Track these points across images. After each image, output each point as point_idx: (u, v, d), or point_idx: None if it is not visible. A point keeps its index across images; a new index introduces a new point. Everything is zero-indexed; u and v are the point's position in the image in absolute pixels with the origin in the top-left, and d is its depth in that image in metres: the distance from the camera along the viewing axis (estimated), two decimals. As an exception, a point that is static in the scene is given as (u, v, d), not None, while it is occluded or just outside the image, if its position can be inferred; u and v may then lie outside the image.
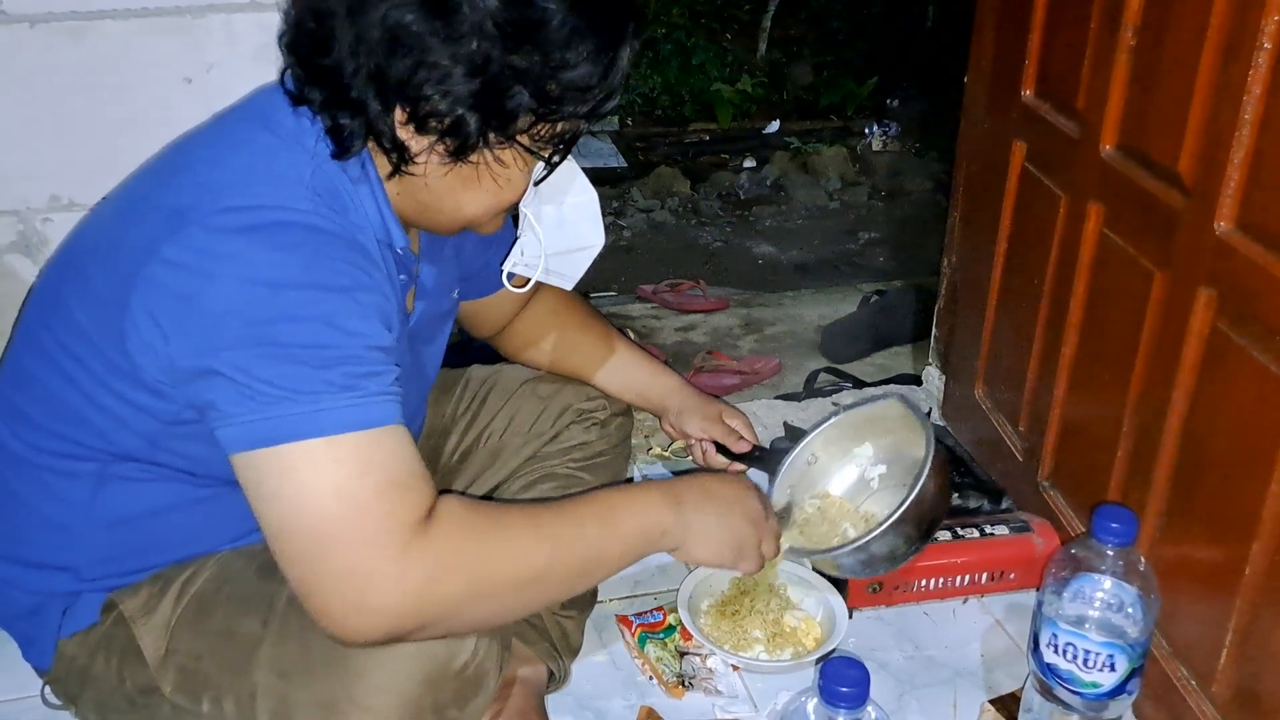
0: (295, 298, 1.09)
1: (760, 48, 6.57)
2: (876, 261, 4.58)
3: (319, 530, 1.07)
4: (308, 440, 1.07)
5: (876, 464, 1.79)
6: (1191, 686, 1.49)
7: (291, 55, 1.19)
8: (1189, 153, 1.44)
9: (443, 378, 1.68)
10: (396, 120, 1.16)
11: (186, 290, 1.09)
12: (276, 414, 1.07)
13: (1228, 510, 1.40)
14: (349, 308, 1.11)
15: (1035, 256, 1.87)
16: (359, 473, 1.08)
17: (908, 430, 1.70)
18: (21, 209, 1.74)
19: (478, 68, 1.11)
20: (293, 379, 1.07)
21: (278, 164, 1.17)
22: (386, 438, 1.11)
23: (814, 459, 1.78)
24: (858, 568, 1.61)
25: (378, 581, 1.08)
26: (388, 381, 1.13)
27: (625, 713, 1.62)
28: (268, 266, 1.09)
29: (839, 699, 1.15)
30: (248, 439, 1.08)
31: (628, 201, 5.12)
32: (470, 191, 1.24)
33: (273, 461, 1.08)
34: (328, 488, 1.07)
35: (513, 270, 1.46)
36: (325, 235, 1.13)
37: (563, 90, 1.15)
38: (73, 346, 1.21)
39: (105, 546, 1.30)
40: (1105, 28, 1.62)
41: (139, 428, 1.21)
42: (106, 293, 1.16)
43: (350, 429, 1.08)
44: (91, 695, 1.34)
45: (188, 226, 1.11)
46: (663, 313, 3.24)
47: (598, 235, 1.45)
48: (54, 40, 1.64)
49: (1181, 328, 1.46)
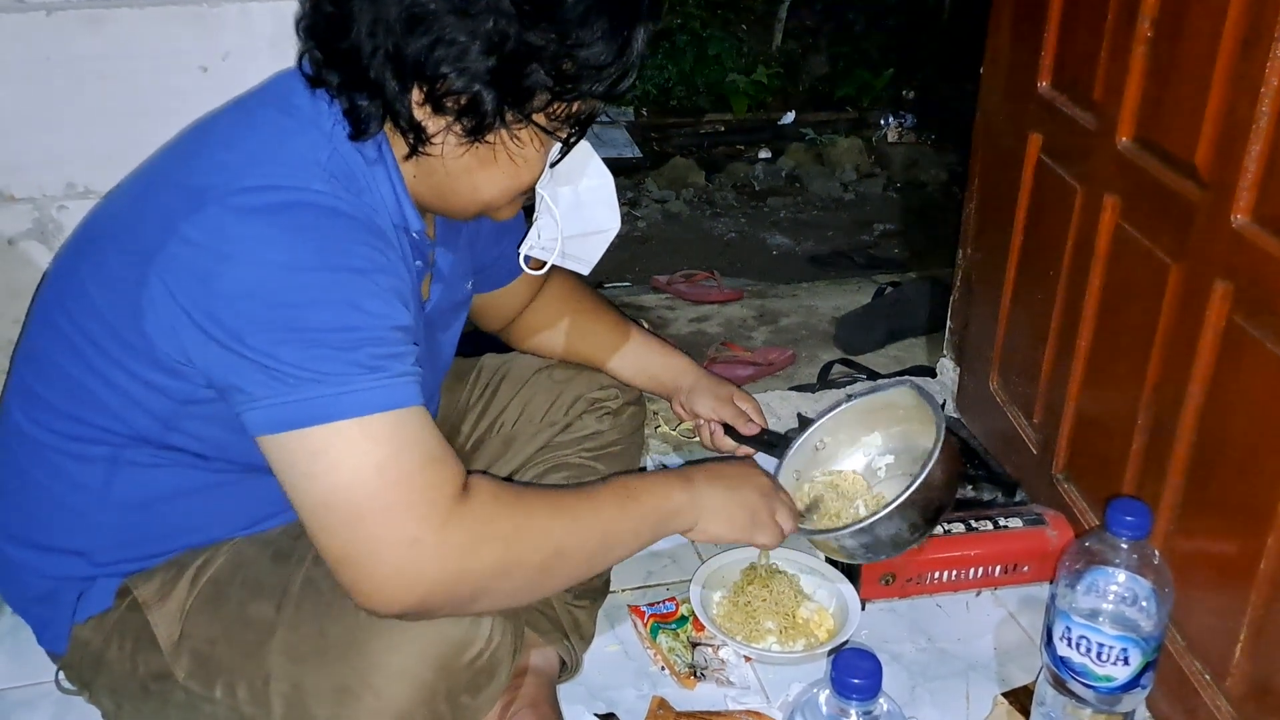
0: (315, 280, 1.10)
1: (776, 38, 6.55)
2: (891, 253, 4.57)
3: (361, 502, 1.09)
4: (339, 421, 1.08)
5: (884, 453, 1.79)
6: (1206, 681, 1.48)
7: (310, 39, 1.20)
8: (1206, 145, 1.43)
9: (456, 366, 1.68)
10: (413, 100, 1.17)
11: (205, 270, 1.10)
12: (305, 396, 1.08)
13: (1243, 504, 1.39)
14: (368, 289, 1.12)
15: (1051, 248, 1.86)
16: (397, 449, 1.10)
17: (919, 419, 1.69)
18: (38, 196, 1.74)
19: (494, 45, 1.12)
20: (319, 361, 1.08)
21: (294, 145, 1.18)
22: (414, 417, 1.13)
23: (822, 444, 1.78)
24: (860, 551, 1.60)
25: (421, 549, 1.10)
26: (410, 362, 1.15)
27: (637, 703, 1.62)
28: (286, 249, 1.10)
29: (851, 691, 1.15)
30: (277, 422, 1.10)
31: (643, 192, 5.12)
32: (487, 172, 1.24)
33: (305, 443, 1.09)
34: (369, 465, 1.09)
35: (529, 253, 1.46)
36: (342, 217, 1.14)
37: (578, 68, 1.16)
38: (88, 326, 1.21)
39: (119, 531, 1.31)
40: (1122, 19, 1.62)
41: (153, 408, 1.22)
42: (123, 272, 1.17)
43: (379, 409, 1.10)
44: (105, 681, 1.35)
45: (206, 206, 1.11)
46: (677, 303, 3.24)
47: (614, 219, 1.45)
48: (70, 28, 1.64)
49: (1197, 320, 1.45)
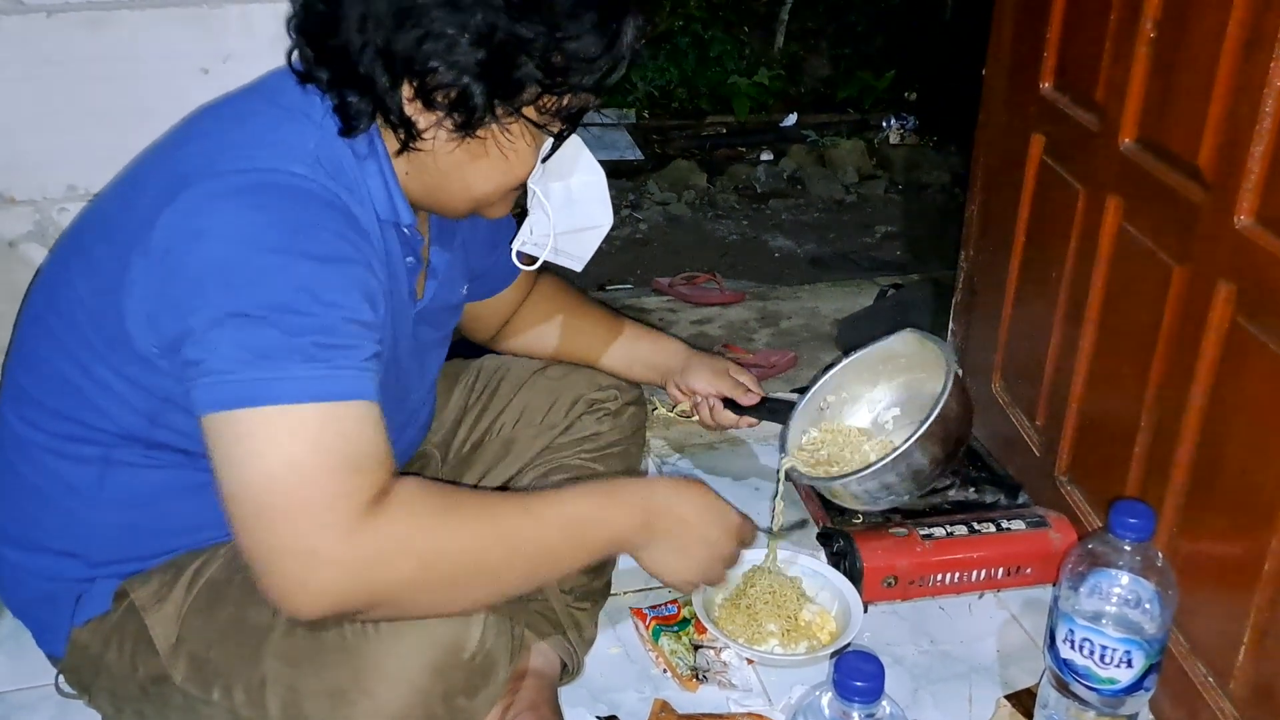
0: (273, 262, 1.08)
1: (778, 40, 6.55)
2: (893, 255, 4.57)
3: (266, 502, 1.04)
4: (266, 406, 1.05)
5: (890, 406, 1.79)
6: (1209, 684, 1.48)
7: (300, 36, 1.21)
8: (1209, 146, 1.43)
9: (454, 367, 1.68)
10: (404, 96, 1.17)
11: (174, 253, 1.09)
12: (240, 378, 1.05)
13: (1246, 506, 1.39)
14: (328, 278, 1.10)
15: (1053, 250, 1.86)
16: (312, 447, 1.05)
17: (922, 366, 1.69)
18: (38, 199, 1.75)
19: (483, 37, 1.13)
20: (260, 343, 1.05)
21: (282, 132, 1.18)
22: (349, 412, 1.08)
23: (826, 403, 1.78)
24: (882, 493, 1.60)
25: (321, 561, 1.05)
26: (361, 357, 1.11)
27: (639, 705, 1.62)
28: (249, 227, 1.09)
29: (854, 693, 1.15)
30: (211, 401, 1.06)
31: (644, 194, 5.11)
32: (478, 168, 1.25)
33: (232, 425, 1.05)
34: (280, 458, 1.04)
35: (521, 249, 1.46)
36: (315, 201, 1.13)
37: (568, 61, 1.17)
38: (77, 323, 1.21)
39: (113, 532, 1.31)
40: (1125, 20, 1.61)
41: (138, 404, 1.21)
42: (108, 266, 1.17)
43: (312, 400, 1.06)
44: (104, 684, 1.35)
45: (184, 192, 1.11)
46: (678, 306, 3.23)
47: (606, 215, 1.45)
48: (71, 30, 1.65)
49: (1200, 322, 1.45)
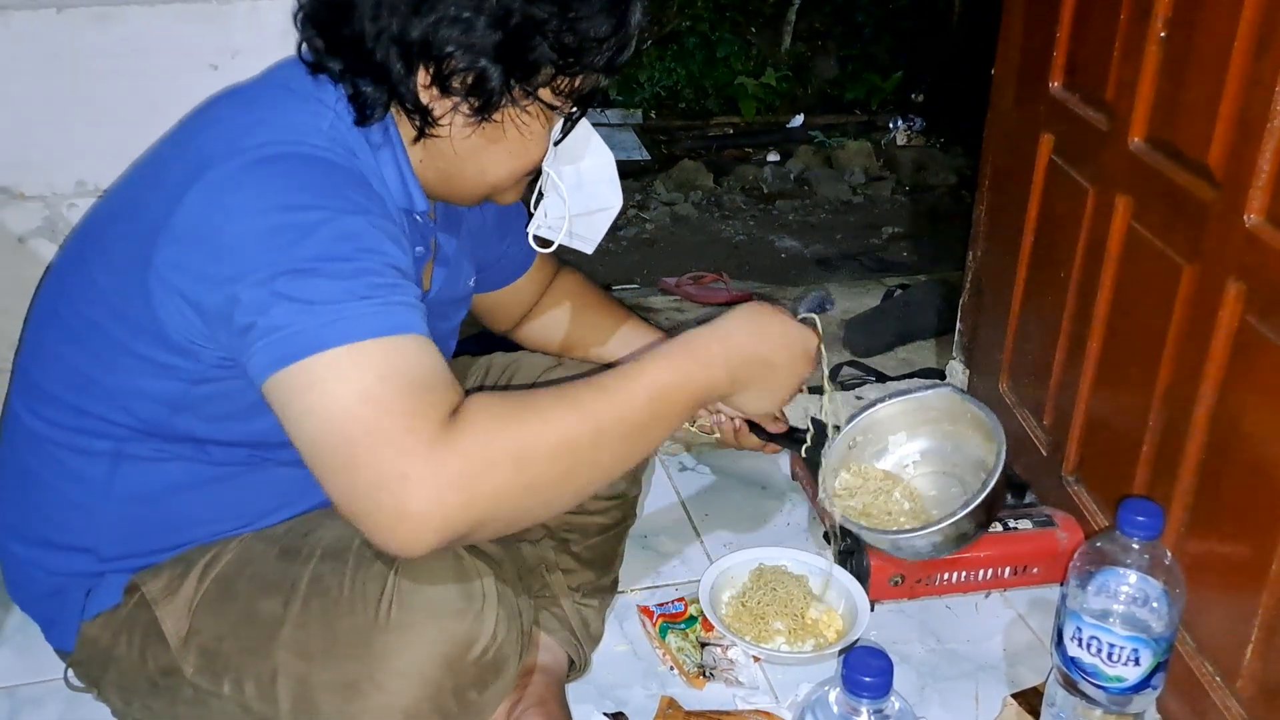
0: (310, 218, 1.08)
1: (785, 41, 6.54)
2: (900, 256, 4.57)
3: (346, 437, 1.02)
4: (330, 350, 1.03)
5: (913, 453, 1.79)
6: (1217, 682, 1.48)
7: (310, 27, 1.22)
8: (1219, 145, 1.43)
9: (463, 364, 1.68)
10: (419, 83, 1.18)
11: (207, 230, 1.10)
12: (298, 328, 1.04)
13: (1255, 505, 1.38)
14: (364, 229, 1.10)
15: (1062, 250, 1.85)
16: (380, 376, 1.03)
17: (952, 419, 1.71)
18: (48, 195, 1.75)
19: (499, 19, 1.14)
20: (311, 292, 1.04)
21: (296, 114, 1.19)
22: (408, 343, 1.07)
23: (854, 443, 1.78)
24: (927, 550, 1.64)
25: (413, 485, 1.01)
26: (409, 294, 1.10)
27: (646, 702, 1.62)
28: (280, 192, 1.10)
29: (863, 689, 1.15)
30: (273, 360, 1.04)
31: (651, 194, 5.11)
32: (494, 152, 1.26)
33: (297, 377, 1.04)
34: (351, 393, 1.02)
35: (537, 233, 1.47)
36: (340, 169, 1.15)
37: (580, 41, 1.18)
38: (93, 314, 1.21)
39: (123, 526, 1.31)
40: (1135, 19, 1.61)
41: (160, 391, 1.21)
42: (130, 252, 1.17)
43: (372, 335, 1.04)
44: (114, 677, 1.35)
45: (207, 172, 1.12)
46: (685, 305, 3.24)
47: (616, 196, 1.47)
48: (80, 26, 1.65)
49: (1210, 321, 1.45)
